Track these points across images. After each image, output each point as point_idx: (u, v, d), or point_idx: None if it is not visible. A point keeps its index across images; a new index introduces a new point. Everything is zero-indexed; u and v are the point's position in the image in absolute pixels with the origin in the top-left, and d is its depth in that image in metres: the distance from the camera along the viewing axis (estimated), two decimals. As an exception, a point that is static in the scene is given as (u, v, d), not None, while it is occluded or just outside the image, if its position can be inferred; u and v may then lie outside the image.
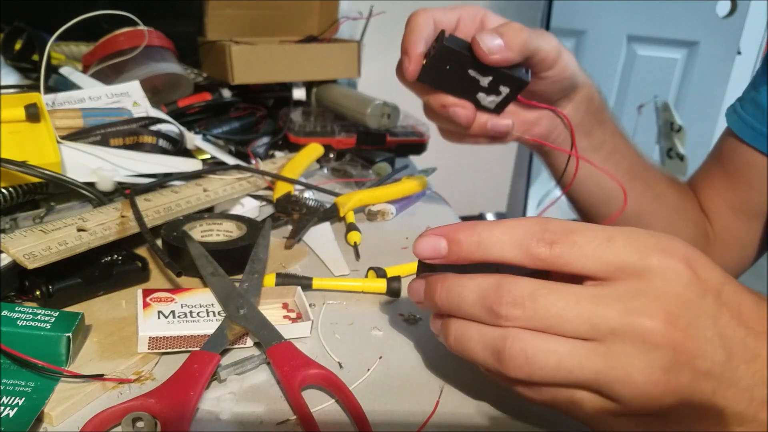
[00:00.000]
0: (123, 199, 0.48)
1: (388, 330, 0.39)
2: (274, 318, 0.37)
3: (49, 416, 0.29)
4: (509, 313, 0.26)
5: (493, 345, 0.27)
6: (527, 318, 0.26)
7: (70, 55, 0.83)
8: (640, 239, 0.27)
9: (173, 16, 0.97)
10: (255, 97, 0.85)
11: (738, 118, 0.56)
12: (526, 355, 0.26)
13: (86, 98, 0.61)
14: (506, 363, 0.26)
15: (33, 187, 0.47)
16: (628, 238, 0.27)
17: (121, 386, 0.32)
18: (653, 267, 0.26)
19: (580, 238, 0.27)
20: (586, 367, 0.26)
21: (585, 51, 1.91)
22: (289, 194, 0.57)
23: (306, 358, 0.33)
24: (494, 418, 0.32)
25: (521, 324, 0.26)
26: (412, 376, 0.35)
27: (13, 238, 0.38)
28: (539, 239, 0.27)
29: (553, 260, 0.27)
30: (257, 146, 0.72)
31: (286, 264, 0.48)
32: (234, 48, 0.77)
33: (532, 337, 0.26)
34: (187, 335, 0.35)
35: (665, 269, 0.26)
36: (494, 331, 0.27)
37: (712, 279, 0.27)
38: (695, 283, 0.26)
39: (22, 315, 0.33)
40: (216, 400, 0.32)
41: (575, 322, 0.26)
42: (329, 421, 0.31)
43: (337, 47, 0.85)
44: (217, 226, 0.49)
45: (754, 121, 0.55)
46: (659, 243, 0.27)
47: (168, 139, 0.58)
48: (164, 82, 0.77)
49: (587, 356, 0.26)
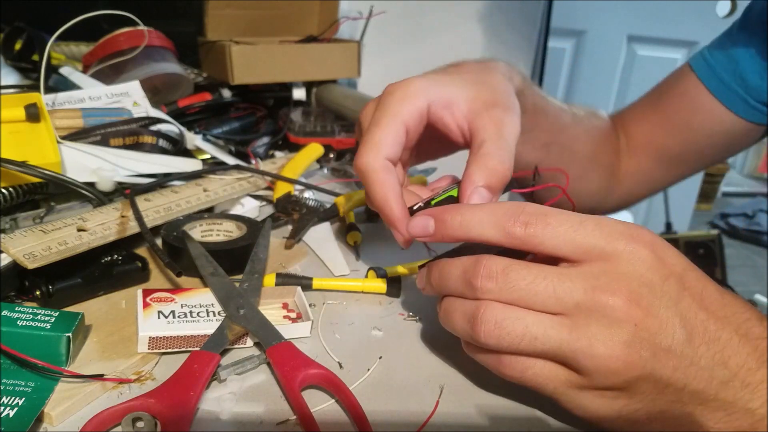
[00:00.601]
0: (123, 199, 0.48)
1: (388, 330, 0.39)
2: (274, 318, 0.37)
3: (49, 416, 0.29)
4: (484, 285, 0.29)
5: (469, 314, 0.30)
6: (499, 290, 0.29)
7: (70, 55, 0.83)
8: (609, 225, 0.29)
9: (173, 16, 0.97)
10: (255, 97, 0.85)
11: (706, 66, 0.57)
12: (495, 320, 0.28)
13: (86, 98, 0.61)
14: (478, 329, 0.29)
15: (33, 187, 0.47)
16: (598, 224, 0.29)
17: (121, 386, 0.32)
18: (620, 251, 0.28)
19: (554, 221, 0.29)
20: (552, 336, 0.28)
21: (585, 51, 1.91)
22: (289, 194, 0.57)
23: (306, 358, 0.33)
24: (494, 418, 0.32)
25: (494, 296, 0.29)
26: (412, 376, 0.35)
27: (13, 238, 0.38)
28: (516, 220, 0.29)
29: (528, 239, 0.29)
30: (257, 146, 0.72)
31: (286, 264, 0.48)
32: (234, 48, 0.77)
33: (503, 308, 0.29)
34: (187, 335, 0.35)
35: (631, 253, 0.28)
36: (472, 303, 0.30)
37: (677, 265, 0.28)
38: (659, 267, 0.28)
39: (22, 315, 0.33)
40: (216, 400, 0.32)
41: (543, 295, 0.28)
42: (329, 421, 0.31)
43: (337, 47, 0.85)
44: (217, 226, 0.49)
45: (723, 73, 0.56)
46: (627, 230, 0.29)
47: (168, 139, 0.58)
48: (164, 82, 0.77)
49: (552, 326, 0.28)
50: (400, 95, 0.38)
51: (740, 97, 0.55)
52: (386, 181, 0.36)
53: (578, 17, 1.86)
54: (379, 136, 0.37)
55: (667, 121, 0.61)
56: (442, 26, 1.29)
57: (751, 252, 2.89)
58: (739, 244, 2.95)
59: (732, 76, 0.55)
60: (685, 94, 0.59)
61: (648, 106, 0.63)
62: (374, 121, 0.38)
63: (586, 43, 1.91)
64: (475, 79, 0.40)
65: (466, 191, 0.35)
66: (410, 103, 0.38)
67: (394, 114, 0.37)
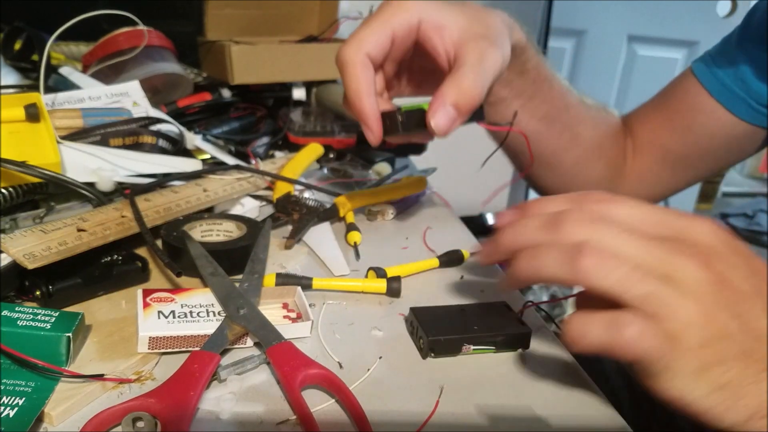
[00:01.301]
0: (123, 199, 0.48)
1: (388, 330, 0.39)
2: (274, 318, 0.37)
3: (50, 416, 0.29)
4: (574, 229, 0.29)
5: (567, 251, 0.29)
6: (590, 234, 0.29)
7: (69, 55, 0.83)
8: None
9: (173, 16, 0.97)
10: (255, 97, 0.84)
11: (707, 70, 0.57)
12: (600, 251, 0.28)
13: (86, 98, 0.61)
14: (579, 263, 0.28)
15: (33, 187, 0.47)
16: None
17: (122, 386, 0.32)
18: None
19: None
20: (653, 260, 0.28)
21: (585, 51, 1.91)
22: (289, 194, 0.57)
23: (306, 358, 0.33)
24: (494, 418, 0.32)
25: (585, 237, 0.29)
26: (412, 376, 0.35)
27: (13, 238, 0.38)
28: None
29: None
30: (257, 146, 0.72)
31: (286, 264, 0.48)
32: (234, 48, 0.77)
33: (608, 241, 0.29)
34: (187, 335, 0.35)
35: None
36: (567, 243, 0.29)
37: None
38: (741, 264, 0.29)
39: (22, 315, 0.33)
40: (216, 400, 0.32)
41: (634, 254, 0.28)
42: (329, 421, 0.31)
43: (337, 47, 0.85)
44: (217, 226, 0.49)
45: (724, 77, 0.56)
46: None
47: (168, 139, 0.58)
48: (164, 82, 0.77)
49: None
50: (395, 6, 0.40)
51: (742, 100, 0.56)
52: (362, 76, 0.38)
53: (578, 17, 1.86)
54: (365, 33, 0.39)
55: (668, 121, 0.61)
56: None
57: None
58: (739, 244, 2.95)
59: (733, 79, 0.56)
60: (686, 96, 0.59)
61: (651, 108, 0.64)
62: (364, 23, 0.39)
63: (587, 42, 1.91)
64: (472, 14, 0.41)
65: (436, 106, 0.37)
66: (402, 15, 0.39)
67: (384, 20, 0.39)
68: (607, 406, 0.34)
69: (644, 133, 0.63)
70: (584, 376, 0.36)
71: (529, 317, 0.40)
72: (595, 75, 1.92)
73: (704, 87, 0.57)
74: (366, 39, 0.39)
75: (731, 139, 0.58)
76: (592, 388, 0.35)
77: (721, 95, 0.56)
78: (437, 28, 0.40)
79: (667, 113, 0.61)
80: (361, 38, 0.39)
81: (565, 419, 0.32)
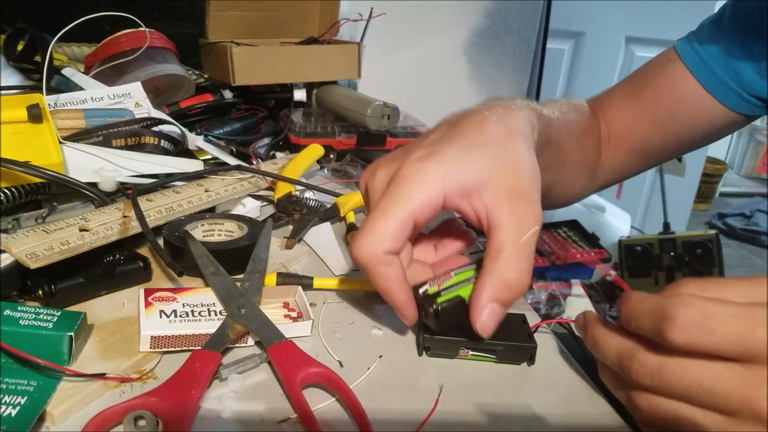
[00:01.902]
0: (125, 200, 0.48)
1: (388, 329, 0.40)
2: (275, 317, 0.38)
3: (51, 415, 0.29)
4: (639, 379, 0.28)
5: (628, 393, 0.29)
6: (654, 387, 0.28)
7: (72, 57, 0.83)
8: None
9: (175, 17, 0.97)
10: (256, 98, 0.85)
11: (697, 57, 0.55)
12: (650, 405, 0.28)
13: (88, 99, 0.62)
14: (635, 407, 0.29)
15: (35, 188, 0.47)
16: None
17: (123, 385, 0.32)
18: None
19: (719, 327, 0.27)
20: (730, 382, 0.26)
21: (583, 52, 1.91)
22: (290, 194, 0.58)
23: (307, 357, 0.33)
24: (494, 418, 0.32)
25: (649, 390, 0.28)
26: (412, 376, 0.35)
27: (16, 238, 0.39)
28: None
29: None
30: (258, 147, 0.72)
31: (286, 264, 0.48)
32: (235, 49, 0.77)
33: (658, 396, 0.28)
34: (188, 334, 0.35)
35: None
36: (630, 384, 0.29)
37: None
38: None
39: (24, 314, 0.33)
40: (217, 398, 0.32)
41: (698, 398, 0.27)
42: (330, 420, 0.31)
43: (338, 49, 0.85)
44: (219, 226, 0.50)
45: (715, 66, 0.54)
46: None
47: (170, 140, 0.59)
48: (166, 83, 0.77)
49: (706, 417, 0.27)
50: (414, 183, 0.34)
51: (733, 91, 0.54)
52: (388, 273, 0.34)
53: (577, 18, 1.86)
54: (383, 228, 0.33)
55: (649, 112, 0.58)
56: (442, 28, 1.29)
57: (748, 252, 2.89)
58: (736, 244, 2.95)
59: (725, 69, 0.54)
60: (672, 84, 0.57)
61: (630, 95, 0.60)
62: (381, 207, 0.34)
63: (585, 44, 1.91)
64: (498, 153, 0.35)
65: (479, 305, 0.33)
66: (424, 194, 0.33)
67: (404, 205, 0.33)
68: (607, 406, 0.34)
69: (621, 123, 0.60)
70: (584, 375, 0.37)
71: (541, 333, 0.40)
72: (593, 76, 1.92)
73: (694, 76, 0.55)
74: (382, 235, 0.33)
75: (712, 127, 0.57)
76: (592, 388, 0.35)
77: (713, 86, 0.54)
78: (464, 195, 0.34)
79: (649, 103, 0.58)
80: (378, 234, 0.33)
81: (565, 419, 0.32)
